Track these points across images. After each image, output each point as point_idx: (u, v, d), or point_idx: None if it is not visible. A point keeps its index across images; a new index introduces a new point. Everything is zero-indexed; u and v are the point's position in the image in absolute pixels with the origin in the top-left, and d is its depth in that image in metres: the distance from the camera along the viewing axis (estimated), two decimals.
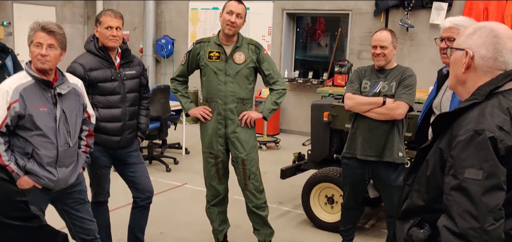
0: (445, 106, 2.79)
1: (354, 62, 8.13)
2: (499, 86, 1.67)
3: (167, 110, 6.61)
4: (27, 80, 2.70)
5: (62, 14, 10.42)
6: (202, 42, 3.69)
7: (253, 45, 3.64)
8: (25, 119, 2.65)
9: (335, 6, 8.48)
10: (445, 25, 2.82)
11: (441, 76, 2.94)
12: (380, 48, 3.43)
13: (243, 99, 3.64)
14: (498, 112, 1.61)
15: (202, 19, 9.82)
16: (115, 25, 3.25)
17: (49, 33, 2.67)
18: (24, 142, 2.70)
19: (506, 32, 1.69)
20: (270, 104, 3.67)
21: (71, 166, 2.87)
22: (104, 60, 3.31)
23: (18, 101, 2.63)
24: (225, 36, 3.58)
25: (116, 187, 4.01)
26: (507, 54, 1.67)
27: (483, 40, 1.69)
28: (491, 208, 1.53)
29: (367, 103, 3.48)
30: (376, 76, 3.55)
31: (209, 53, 3.61)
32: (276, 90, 3.69)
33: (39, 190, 2.76)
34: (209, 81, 3.63)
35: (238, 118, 3.63)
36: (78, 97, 2.91)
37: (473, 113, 1.64)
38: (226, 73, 3.57)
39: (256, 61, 3.63)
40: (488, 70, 1.69)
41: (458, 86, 1.80)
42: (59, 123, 2.76)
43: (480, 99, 1.66)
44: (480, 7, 7.21)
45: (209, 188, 3.84)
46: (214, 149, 3.68)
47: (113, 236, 3.71)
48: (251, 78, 3.67)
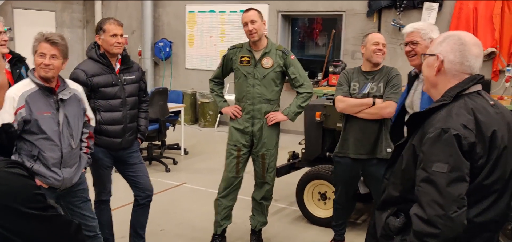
0: (416, 104, 3.04)
1: (348, 62, 8.28)
2: (465, 88, 1.86)
3: (166, 112, 6.76)
4: (31, 87, 2.87)
5: (62, 19, 10.59)
6: (235, 48, 4.00)
7: (281, 51, 3.94)
8: (31, 123, 2.83)
9: (328, 7, 8.66)
10: (407, 31, 3.11)
11: (410, 77, 3.19)
12: (382, 45, 3.65)
13: (270, 100, 3.92)
14: (463, 112, 1.79)
15: (199, 22, 9.99)
16: (119, 33, 3.45)
17: (52, 44, 2.84)
18: (30, 145, 2.87)
19: (471, 40, 1.89)
20: (296, 107, 3.96)
21: (75, 166, 3.06)
22: (105, 66, 3.48)
23: (24, 107, 2.81)
24: (253, 43, 3.88)
25: (118, 187, 4.18)
26: (472, 59, 1.87)
27: (451, 47, 1.89)
28: (455, 197, 1.71)
29: (358, 105, 3.66)
30: (364, 77, 3.73)
31: (241, 58, 3.92)
32: (301, 93, 3.97)
33: (45, 190, 2.92)
34: (240, 84, 3.94)
35: (265, 117, 3.90)
36: (79, 102, 3.10)
37: (442, 113, 1.83)
38: (255, 77, 3.86)
39: (283, 66, 3.91)
40: (456, 73, 1.88)
41: (431, 88, 1.99)
42: (62, 126, 2.94)
43: (448, 100, 1.85)
44: (469, 7, 7.39)
45: (225, 180, 4.07)
46: (239, 143, 3.95)
47: (116, 233, 3.87)
48: (278, 81, 3.95)
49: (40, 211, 1.28)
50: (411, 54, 3.08)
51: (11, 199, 1.23)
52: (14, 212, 1.23)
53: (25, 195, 1.26)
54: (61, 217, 1.37)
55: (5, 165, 1.26)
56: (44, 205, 1.30)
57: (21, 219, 1.25)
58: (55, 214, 1.34)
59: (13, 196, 1.24)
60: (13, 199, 1.23)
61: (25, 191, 1.27)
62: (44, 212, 1.30)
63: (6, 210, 1.22)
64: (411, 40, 3.07)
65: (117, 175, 3.82)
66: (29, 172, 1.32)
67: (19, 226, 1.25)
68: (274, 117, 3.91)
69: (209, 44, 9.89)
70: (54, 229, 1.34)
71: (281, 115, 3.94)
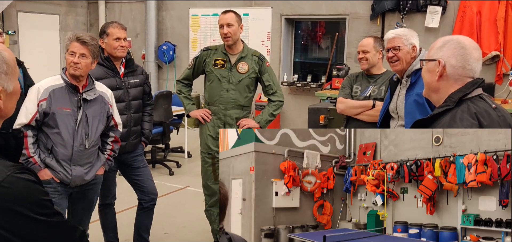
0: (400, 109, 3.09)
1: (352, 65, 8.29)
2: (468, 93, 1.87)
3: (170, 115, 6.77)
4: (59, 83, 2.98)
5: (66, 22, 10.62)
6: (209, 49, 3.92)
7: (257, 57, 3.87)
8: (49, 117, 2.91)
9: (332, 10, 8.66)
10: (388, 37, 3.15)
11: (392, 83, 3.22)
12: (362, 52, 3.64)
13: (242, 106, 3.87)
14: (467, 117, 1.81)
15: (202, 25, 10.00)
16: (122, 36, 3.45)
17: (82, 43, 2.95)
18: (46, 138, 2.96)
19: (471, 43, 1.91)
20: (267, 115, 3.90)
21: (87, 166, 3.07)
22: (109, 69, 3.49)
23: (46, 100, 2.90)
24: (228, 47, 3.82)
25: (122, 190, 4.18)
26: (473, 63, 1.89)
27: (452, 52, 1.89)
28: None
29: (357, 106, 3.67)
30: (367, 81, 3.74)
31: (215, 61, 3.84)
32: (274, 101, 3.92)
33: (57, 183, 2.98)
34: (213, 87, 3.86)
35: (236, 124, 3.84)
36: (105, 105, 3.13)
37: (446, 118, 1.84)
38: (229, 81, 3.80)
39: (258, 72, 3.86)
40: (458, 78, 1.89)
41: (431, 93, 1.99)
42: (79, 125, 2.98)
43: (452, 105, 1.86)
44: (473, 10, 7.37)
45: (206, 188, 4.03)
46: (212, 150, 3.89)
47: (120, 237, 3.88)
48: (252, 87, 3.91)
49: (46, 217, 1.29)
50: (394, 60, 3.10)
51: (18, 203, 1.24)
52: (21, 216, 1.24)
53: (33, 200, 1.27)
54: (66, 224, 1.37)
55: (15, 170, 1.27)
56: (51, 211, 1.31)
57: (28, 224, 1.26)
58: (61, 221, 1.35)
59: (21, 201, 1.25)
60: (20, 204, 1.24)
61: (33, 197, 1.28)
62: (51, 218, 1.31)
63: (13, 214, 1.23)
64: (393, 46, 3.10)
65: (121, 178, 3.82)
66: (37, 177, 1.32)
67: (25, 231, 1.26)
68: (246, 124, 3.84)
69: None
70: (59, 235, 1.34)
71: (253, 122, 3.87)
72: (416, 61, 3.04)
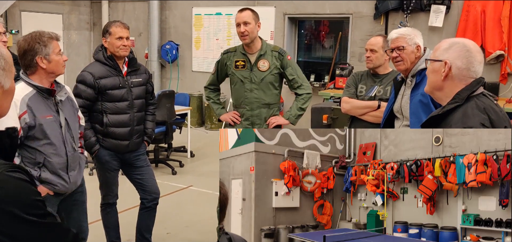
0: (405, 109, 3.08)
1: (355, 64, 8.27)
2: (474, 91, 2.02)
3: (173, 115, 6.78)
4: (29, 90, 2.70)
5: (69, 21, 10.66)
6: (228, 52, 3.90)
7: (277, 52, 3.82)
8: (35, 129, 2.68)
9: (335, 10, 8.64)
10: (392, 37, 3.13)
11: (396, 82, 3.20)
12: (370, 51, 3.59)
13: (268, 104, 3.83)
14: (478, 113, 1.96)
15: (205, 25, 10.02)
16: (125, 35, 3.46)
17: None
18: (34, 152, 2.72)
19: (475, 47, 2.06)
20: (296, 110, 3.86)
21: (77, 169, 2.96)
22: (112, 68, 3.50)
23: (27, 112, 2.64)
24: (246, 46, 3.79)
25: (124, 189, 4.20)
26: (477, 65, 2.04)
27: (458, 54, 2.03)
28: None
29: (362, 107, 3.64)
30: (372, 80, 3.70)
31: (235, 63, 3.82)
32: (301, 95, 3.86)
33: (51, 196, 2.82)
34: (237, 89, 3.85)
35: (265, 123, 3.82)
36: (72, 102, 3.00)
37: (457, 114, 1.99)
38: (252, 81, 3.78)
39: (280, 67, 3.81)
40: (463, 78, 2.04)
41: (435, 91, 2.13)
42: (65, 129, 2.83)
43: (461, 102, 2.01)
44: (477, 9, 7.33)
45: None
46: None
47: (122, 236, 3.89)
48: (276, 83, 3.85)
49: (39, 218, 1.25)
50: (398, 60, 3.08)
51: (10, 203, 1.20)
52: (12, 217, 1.20)
53: (25, 201, 1.23)
54: (59, 225, 1.33)
55: (6, 168, 1.23)
56: (43, 212, 1.27)
57: (19, 225, 1.22)
58: (54, 222, 1.31)
59: (12, 200, 1.21)
60: (12, 204, 1.20)
61: (25, 196, 1.24)
62: (43, 219, 1.26)
63: (4, 214, 1.19)
64: (397, 46, 3.08)
65: (123, 178, 3.83)
66: (30, 177, 1.28)
67: (16, 232, 1.21)
68: (275, 121, 3.82)
69: (216, 47, 9.91)
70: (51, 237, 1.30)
71: (283, 118, 3.85)
72: (421, 61, 3.01)
